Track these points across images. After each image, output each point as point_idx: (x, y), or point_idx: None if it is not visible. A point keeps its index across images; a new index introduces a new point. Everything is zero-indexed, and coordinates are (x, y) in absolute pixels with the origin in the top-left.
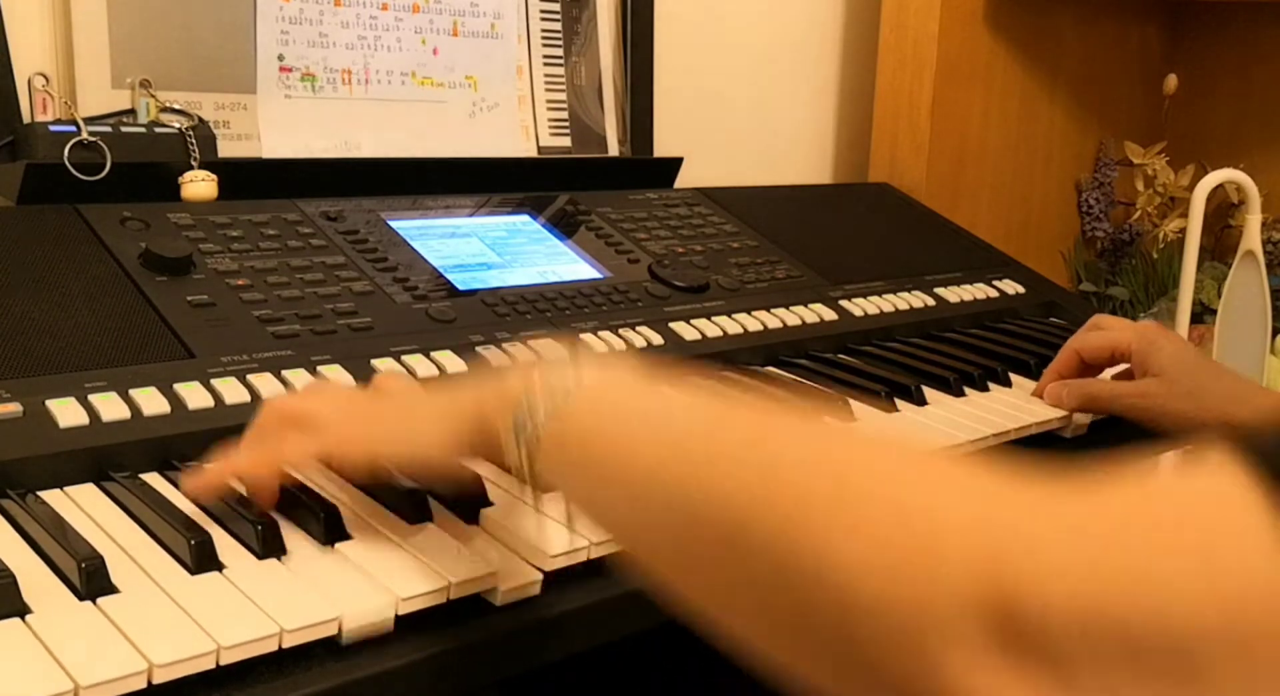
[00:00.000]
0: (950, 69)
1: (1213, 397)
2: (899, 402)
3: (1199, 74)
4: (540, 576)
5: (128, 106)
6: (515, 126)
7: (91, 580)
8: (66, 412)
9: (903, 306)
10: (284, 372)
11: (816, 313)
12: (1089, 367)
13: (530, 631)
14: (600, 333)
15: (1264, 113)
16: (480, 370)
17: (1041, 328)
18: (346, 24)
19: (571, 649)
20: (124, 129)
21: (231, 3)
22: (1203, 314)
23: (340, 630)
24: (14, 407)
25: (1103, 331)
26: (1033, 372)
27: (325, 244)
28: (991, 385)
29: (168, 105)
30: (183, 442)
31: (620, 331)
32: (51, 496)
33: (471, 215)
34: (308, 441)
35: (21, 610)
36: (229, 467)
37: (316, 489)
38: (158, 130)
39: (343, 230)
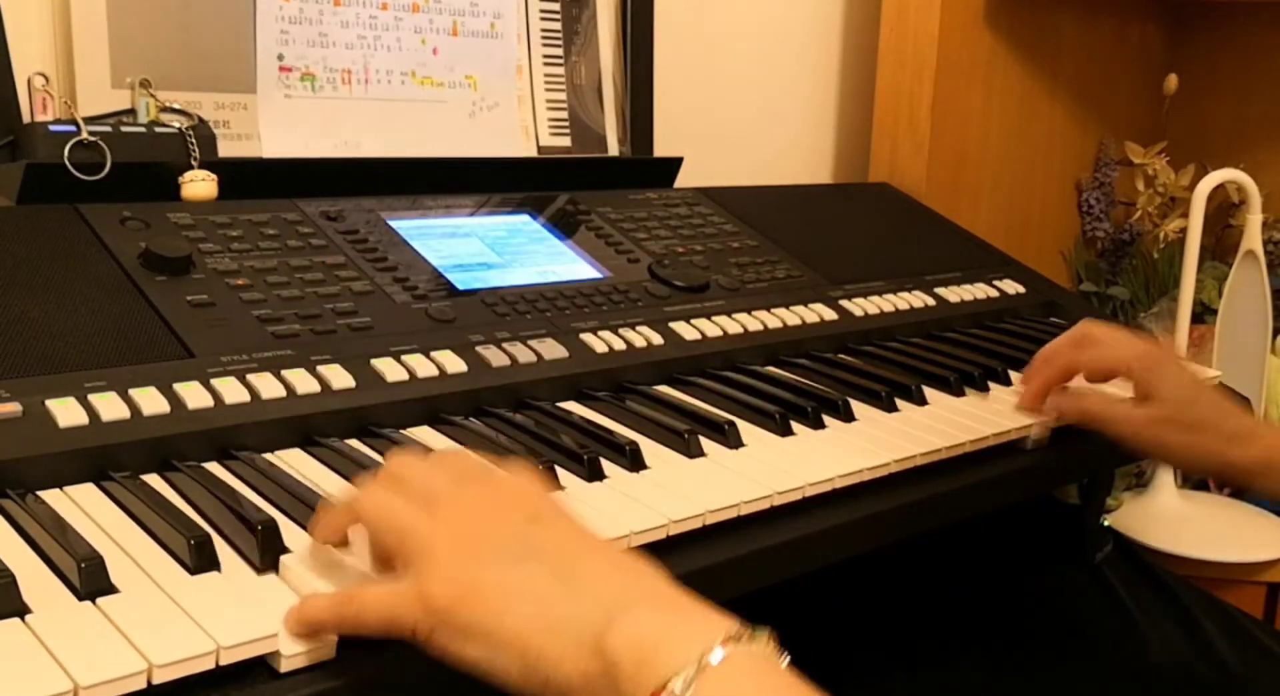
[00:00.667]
0: (950, 69)
1: (1212, 434)
2: (899, 402)
3: (1199, 74)
4: None
5: (128, 106)
6: (515, 126)
7: (91, 580)
8: (66, 412)
9: (903, 306)
10: (284, 372)
11: (817, 312)
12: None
13: None
14: (600, 332)
15: (1264, 112)
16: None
17: (1042, 327)
18: (346, 24)
19: None
20: (124, 129)
21: (231, 2)
22: (1203, 314)
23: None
24: (14, 407)
25: (1103, 349)
26: None
27: (325, 244)
28: (992, 385)
29: (168, 105)
30: (182, 442)
31: (620, 331)
32: (51, 496)
33: (471, 215)
34: (395, 591)
35: (21, 610)
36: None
37: (315, 488)
38: (158, 130)
39: (342, 230)
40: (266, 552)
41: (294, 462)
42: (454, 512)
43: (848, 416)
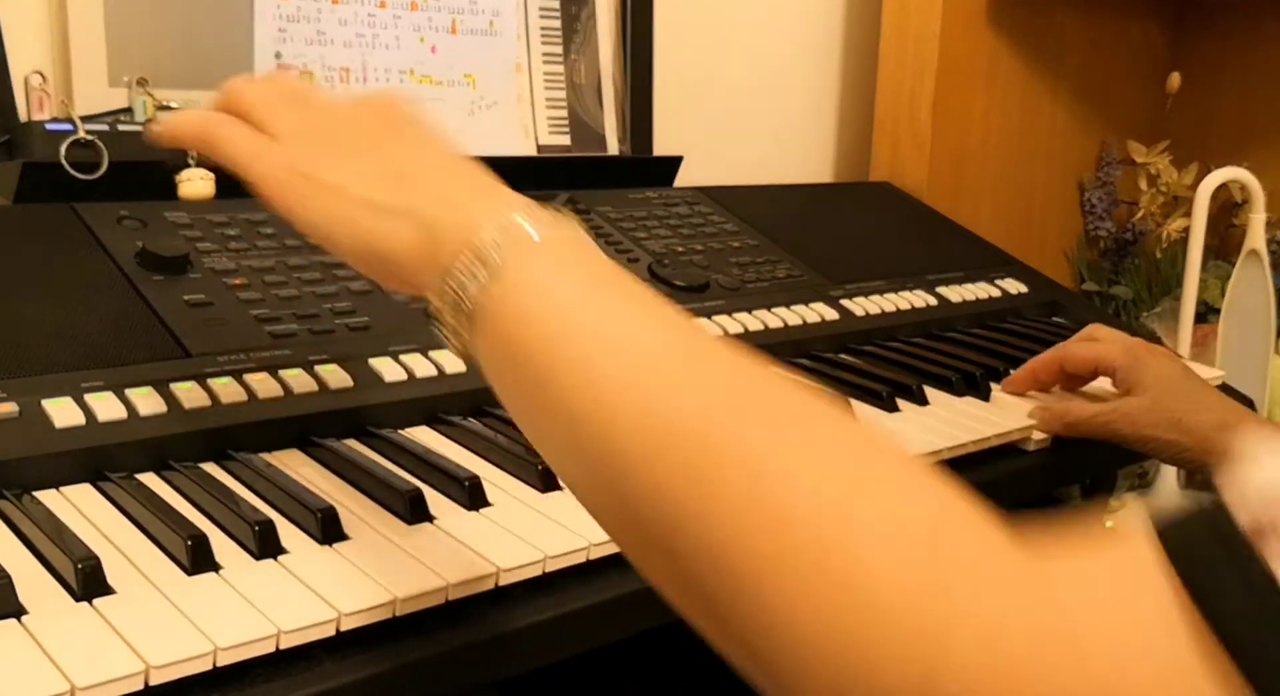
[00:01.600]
0: (952, 68)
1: (1197, 422)
2: (900, 402)
3: (1202, 72)
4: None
5: (124, 105)
6: (514, 125)
7: (88, 581)
8: (62, 412)
9: (904, 306)
10: (281, 372)
11: (818, 312)
12: (1071, 377)
13: (526, 632)
14: None
15: (1268, 111)
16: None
17: (1044, 327)
18: (344, 21)
19: (564, 652)
20: (121, 127)
21: (229, 0)
22: (1207, 313)
23: (338, 630)
24: (10, 407)
25: (1090, 343)
26: None
27: None
28: (994, 385)
29: (165, 103)
30: (179, 443)
31: None
32: (47, 496)
33: None
34: (245, 138)
35: (17, 611)
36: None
37: (312, 488)
38: None
39: None
40: (264, 553)
41: (291, 463)
42: (327, 106)
43: None
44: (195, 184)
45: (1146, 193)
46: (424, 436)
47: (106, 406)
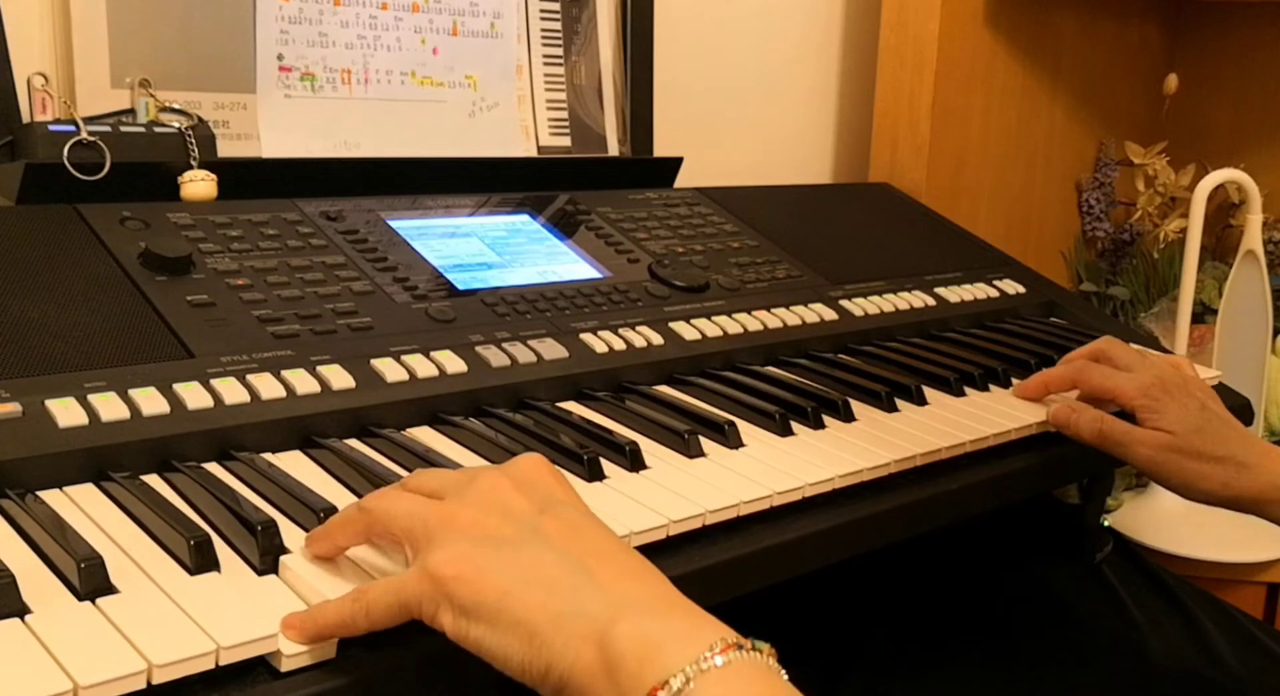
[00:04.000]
0: (950, 69)
1: (1217, 463)
2: (899, 402)
3: (1199, 73)
4: None
5: (127, 106)
6: (515, 126)
7: (91, 580)
8: (66, 412)
9: (903, 306)
10: (283, 373)
11: (817, 312)
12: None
13: None
14: (600, 332)
15: (1265, 112)
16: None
17: (1042, 327)
18: (346, 23)
19: None
20: (123, 128)
21: (231, 2)
22: (1203, 314)
23: None
24: (13, 407)
25: (1109, 375)
26: (1033, 372)
27: (325, 244)
28: (992, 385)
29: (167, 105)
30: (182, 443)
31: (620, 331)
32: (51, 496)
33: (471, 215)
34: (399, 576)
35: (21, 610)
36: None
37: (314, 488)
38: (157, 130)
39: (342, 230)
40: (266, 553)
41: (293, 463)
42: (464, 502)
43: (848, 416)
44: (198, 185)
45: (1144, 193)
46: (426, 436)
47: (110, 406)
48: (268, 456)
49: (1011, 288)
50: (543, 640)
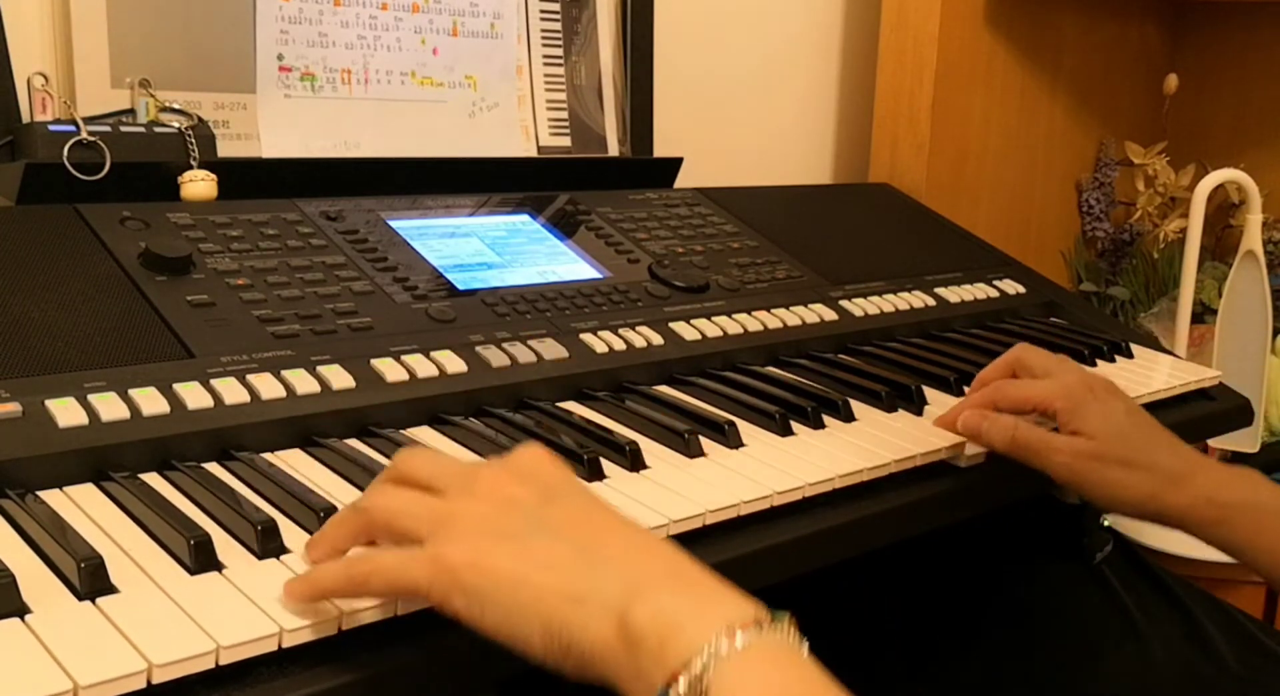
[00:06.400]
0: (950, 69)
1: (1145, 473)
2: (899, 403)
3: (1199, 74)
4: None
5: (127, 106)
6: (515, 126)
7: (91, 580)
8: (66, 412)
9: (903, 306)
10: (284, 373)
11: (817, 312)
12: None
13: None
14: (600, 332)
15: (1265, 112)
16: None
17: (1042, 327)
18: (346, 24)
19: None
20: (123, 128)
21: (231, 2)
22: (1203, 314)
23: (340, 629)
24: (13, 407)
25: (1026, 383)
26: None
27: (325, 244)
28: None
29: (167, 105)
30: (182, 443)
31: (620, 331)
32: (51, 496)
33: (471, 215)
34: (408, 554)
35: (21, 610)
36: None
37: (314, 488)
38: (157, 130)
39: (342, 230)
40: (266, 553)
41: (294, 463)
42: (467, 499)
43: (848, 416)
44: (198, 185)
45: (1144, 193)
46: (426, 436)
47: (110, 406)
48: (268, 456)
49: (1011, 288)
50: (561, 621)
